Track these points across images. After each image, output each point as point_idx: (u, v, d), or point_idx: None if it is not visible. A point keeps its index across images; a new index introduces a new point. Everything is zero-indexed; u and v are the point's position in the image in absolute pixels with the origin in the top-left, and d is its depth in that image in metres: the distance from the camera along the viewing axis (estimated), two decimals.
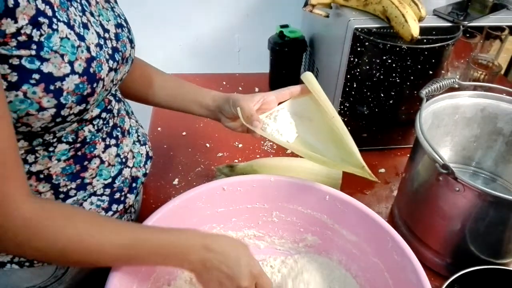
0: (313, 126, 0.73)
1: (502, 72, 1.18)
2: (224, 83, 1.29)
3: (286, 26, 1.17)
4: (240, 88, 1.27)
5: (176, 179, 0.95)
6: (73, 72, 0.50)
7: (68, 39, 0.50)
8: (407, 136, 1.03)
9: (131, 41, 0.65)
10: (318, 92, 0.71)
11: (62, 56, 0.49)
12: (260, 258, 0.77)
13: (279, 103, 0.75)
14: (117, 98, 0.68)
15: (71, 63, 0.50)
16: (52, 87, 0.49)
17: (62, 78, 0.49)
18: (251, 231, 0.78)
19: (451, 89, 0.79)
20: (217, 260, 0.56)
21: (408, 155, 0.82)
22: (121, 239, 0.53)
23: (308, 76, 0.73)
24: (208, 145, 1.05)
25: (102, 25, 0.58)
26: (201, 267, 0.57)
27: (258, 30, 1.34)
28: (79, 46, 0.51)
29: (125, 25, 0.65)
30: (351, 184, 0.92)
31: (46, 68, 0.48)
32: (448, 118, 0.84)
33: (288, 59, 1.18)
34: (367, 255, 0.69)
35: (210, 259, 0.56)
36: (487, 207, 0.65)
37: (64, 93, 0.50)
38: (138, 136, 0.74)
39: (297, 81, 1.24)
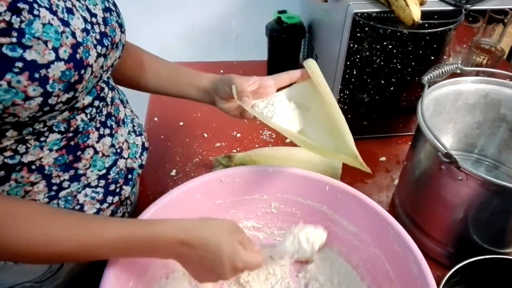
0: (311, 115, 0.71)
1: (505, 56, 1.16)
2: (222, 71, 1.27)
3: (284, 11, 1.15)
4: None
5: (174, 170, 0.93)
6: (58, 58, 0.48)
7: (51, 25, 0.48)
8: (409, 123, 1.02)
9: (120, 26, 0.63)
10: (318, 78, 0.69)
11: (45, 42, 0.47)
12: None
13: (278, 89, 0.73)
14: (110, 86, 0.66)
15: (55, 49, 0.48)
16: (37, 75, 0.47)
17: (47, 66, 0.47)
18: (250, 222, 0.76)
19: (453, 74, 0.77)
20: (196, 255, 0.55)
21: (410, 143, 0.80)
22: (88, 240, 0.51)
23: (310, 63, 0.70)
24: (206, 135, 1.04)
25: (88, 10, 0.56)
26: (181, 261, 0.56)
27: (255, 16, 1.32)
28: (63, 31, 0.49)
29: (113, 9, 0.62)
30: (351, 173, 0.90)
31: (29, 55, 0.46)
32: (450, 104, 0.82)
33: (287, 46, 1.16)
34: (367, 246, 0.68)
35: (188, 254, 0.55)
36: (490, 196, 0.63)
37: (50, 81, 0.48)
38: (134, 126, 0.72)
39: (296, 68, 1.22)
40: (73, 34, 0.51)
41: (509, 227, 0.68)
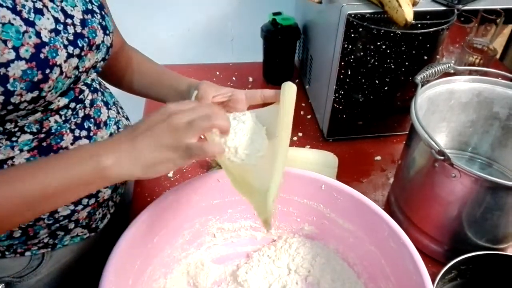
0: (272, 145, 0.62)
1: (498, 56, 1.18)
2: (218, 73, 1.27)
3: (279, 13, 1.15)
4: (233, 78, 1.26)
5: (171, 172, 0.94)
6: (18, 58, 0.49)
7: (12, 24, 0.48)
8: (403, 122, 1.03)
9: (104, 28, 0.63)
10: (285, 104, 0.61)
11: (4, 42, 0.48)
12: (257, 248, 0.77)
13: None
14: (92, 88, 0.66)
15: (15, 48, 0.48)
16: None
17: (6, 64, 0.48)
18: (248, 222, 0.77)
19: (447, 74, 0.78)
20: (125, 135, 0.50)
21: (404, 142, 0.81)
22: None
23: (286, 86, 0.64)
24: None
25: (64, 11, 0.56)
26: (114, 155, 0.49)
27: (251, 18, 1.32)
28: (26, 31, 0.50)
29: (97, 11, 0.62)
30: (347, 172, 0.92)
31: None
32: (444, 103, 0.83)
33: (282, 47, 1.17)
34: (364, 244, 0.68)
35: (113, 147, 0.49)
36: (483, 192, 0.64)
37: (11, 80, 0.48)
38: (119, 128, 0.72)
39: (292, 69, 1.23)
40: (38, 34, 0.51)
41: (503, 223, 0.69)
